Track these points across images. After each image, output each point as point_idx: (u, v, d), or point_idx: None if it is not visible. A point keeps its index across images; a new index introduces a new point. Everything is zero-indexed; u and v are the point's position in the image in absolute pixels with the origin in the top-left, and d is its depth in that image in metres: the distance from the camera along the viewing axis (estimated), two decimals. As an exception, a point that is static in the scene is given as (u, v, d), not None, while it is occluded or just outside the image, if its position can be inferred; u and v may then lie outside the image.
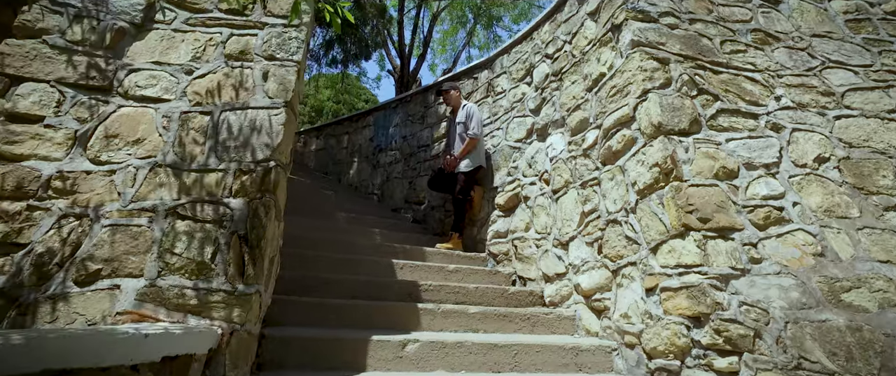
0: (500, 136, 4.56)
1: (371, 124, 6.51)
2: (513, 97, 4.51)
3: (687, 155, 2.52)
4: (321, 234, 3.93)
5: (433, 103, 5.64)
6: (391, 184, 5.88)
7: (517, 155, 4.26)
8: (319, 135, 7.30)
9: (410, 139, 5.81)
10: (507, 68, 4.70)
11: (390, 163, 6.00)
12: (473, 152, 4.51)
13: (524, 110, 4.30)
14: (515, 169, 4.23)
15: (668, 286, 2.31)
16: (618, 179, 2.92)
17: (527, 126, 4.21)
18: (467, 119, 4.54)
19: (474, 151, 4.51)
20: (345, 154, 6.77)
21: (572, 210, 3.38)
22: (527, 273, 3.80)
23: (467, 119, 4.54)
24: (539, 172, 3.90)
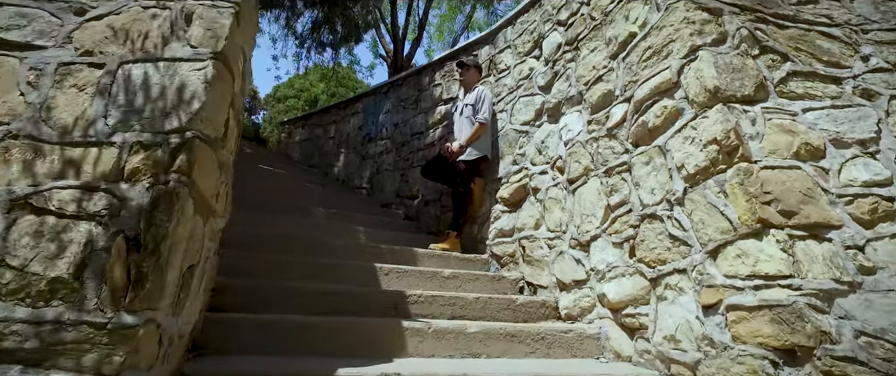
0: (504, 120, 3.94)
1: (360, 111, 5.90)
2: (518, 74, 3.90)
3: (754, 128, 1.91)
4: (296, 234, 3.32)
5: (428, 85, 5.02)
6: (381, 177, 5.27)
7: (524, 140, 3.65)
8: (305, 124, 6.68)
9: (402, 126, 5.20)
10: (511, 41, 4.08)
11: (380, 153, 5.39)
12: (484, 138, 3.90)
13: (532, 88, 3.69)
14: (522, 156, 3.62)
15: (738, 303, 1.70)
16: (656, 163, 2.30)
17: (535, 106, 3.60)
18: (478, 101, 3.93)
19: (484, 138, 3.91)
20: (331, 145, 6.16)
21: (594, 203, 2.77)
22: (537, 278, 3.19)
23: (478, 101, 3.93)
24: (551, 159, 3.29)
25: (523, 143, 3.65)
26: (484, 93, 3.97)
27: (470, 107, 3.98)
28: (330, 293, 2.47)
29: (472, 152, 3.83)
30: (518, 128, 3.75)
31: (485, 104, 3.90)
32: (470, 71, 4.13)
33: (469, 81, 4.12)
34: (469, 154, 3.83)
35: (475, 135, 3.84)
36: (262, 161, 4.94)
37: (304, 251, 3.03)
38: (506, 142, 3.84)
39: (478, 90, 4.00)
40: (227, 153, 1.85)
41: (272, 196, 3.98)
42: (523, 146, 3.65)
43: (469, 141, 3.83)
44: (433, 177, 4.10)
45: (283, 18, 6.85)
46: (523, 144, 3.65)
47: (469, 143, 3.83)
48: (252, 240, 2.97)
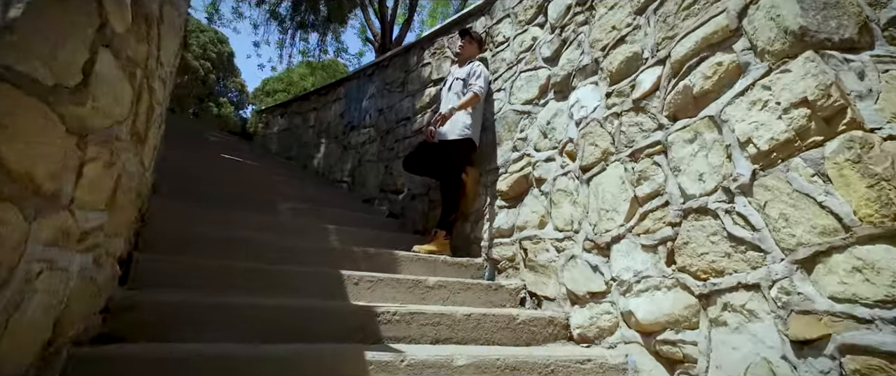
0: (502, 99, 3.36)
1: (341, 97, 5.31)
2: (519, 46, 3.32)
3: (863, 84, 1.33)
4: (251, 235, 2.73)
5: (416, 65, 4.43)
6: (363, 170, 4.68)
7: (526, 122, 3.07)
8: (284, 113, 6.09)
9: (387, 112, 4.61)
10: (510, 9, 3.50)
11: (363, 143, 4.80)
12: (473, 119, 3.32)
13: (535, 61, 3.11)
14: (523, 141, 3.04)
15: (867, 345, 1.12)
16: (706, 139, 1.73)
17: (539, 81, 3.02)
18: (470, 75, 3.36)
19: (473, 119, 3.33)
20: (311, 134, 5.56)
21: (616, 195, 2.19)
22: (542, 288, 2.61)
23: (470, 75, 3.36)
24: (559, 143, 2.71)
25: (525, 126, 3.07)
26: (479, 67, 3.40)
27: (461, 81, 3.40)
28: (276, 311, 1.89)
29: (464, 129, 3.25)
30: (519, 108, 3.17)
31: (480, 78, 3.33)
32: (471, 44, 3.56)
33: (465, 55, 3.55)
34: (461, 131, 3.25)
35: (467, 102, 3.24)
36: (230, 151, 4.35)
37: (256, 255, 2.44)
38: (504, 125, 3.26)
39: (472, 64, 3.42)
40: (96, 115, 1.26)
41: (233, 190, 3.39)
42: (525, 129, 3.07)
43: (460, 106, 3.21)
44: (417, 169, 3.52)
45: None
46: (525, 127, 3.07)
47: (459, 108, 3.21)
48: (192, 240, 2.37)
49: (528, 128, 3.04)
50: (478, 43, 3.58)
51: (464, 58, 3.54)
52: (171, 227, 2.42)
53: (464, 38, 3.56)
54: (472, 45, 3.55)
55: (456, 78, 3.47)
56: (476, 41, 3.57)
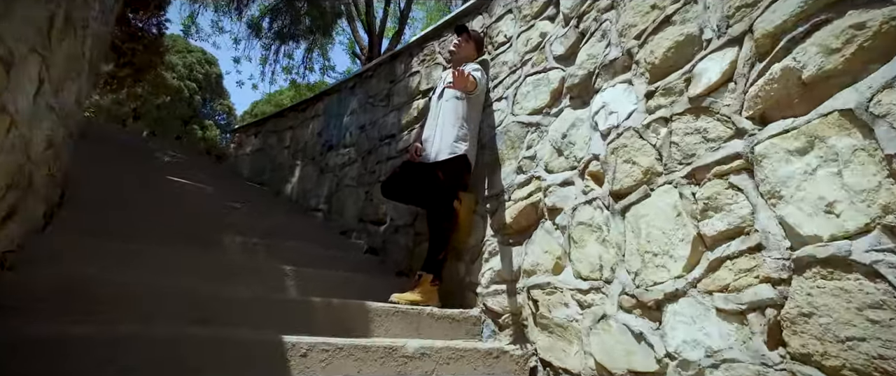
0: (504, 110, 2.74)
1: (320, 114, 4.70)
2: (523, 45, 2.72)
3: None
4: (168, 281, 2.04)
5: (403, 75, 3.84)
6: (341, 196, 4.03)
7: (534, 136, 2.44)
8: (259, 132, 5.46)
9: (370, 129, 3.99)
10: (513, 3, 2.91)
11: (342, 165, 4.16)
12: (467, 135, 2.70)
13: (545, 61, 2.51)
14: (531, 160, 2.40)
15: None
16: (837, 148, 1.09)
17: (550, 85, 2.41)
18: None
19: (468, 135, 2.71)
20: (286, 156, 4.93)
21: (669, 232, 1.54)
22: (560, 357, 1.93)
23: None
24: (579, 161, 2.08)
25: (533, 141, 2.44)
26: (476, 70, 2.79)
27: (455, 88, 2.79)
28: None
29: (455, 146, 2.62)
30: (524, 119, 2.54)
31: (476, 71, 2.73)
32: (468, 43, 2.96)
33: (461, 56, 2.94)
34: (450, 147, 2.61)
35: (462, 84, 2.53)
36: (185, 173, 3.70)
37: (161, 313, 1.75)
38: (506, 141, 2.63)
39: (468, 67, 2.81)
40: None
41: (167, 220, 2.71)
42: (533, 145, 2.43)
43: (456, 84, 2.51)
44: (399, 195, 2.87)
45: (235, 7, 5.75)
46: (533, 143, 2.44)
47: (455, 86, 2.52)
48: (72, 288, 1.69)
49: (537, 143, 2.41)
50: (476, 43, 2.99)
51: (458, 60, 2.94)
52: (49, 271, 1.74)
53: (460, 35, 2.97)
54: (469, 44, 2.95)
55: (449, 82, 2.86)
56: (473, 40, 2.97)
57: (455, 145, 2.62)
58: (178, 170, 3.75)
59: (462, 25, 3.00)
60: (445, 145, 2.64)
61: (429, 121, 2.89)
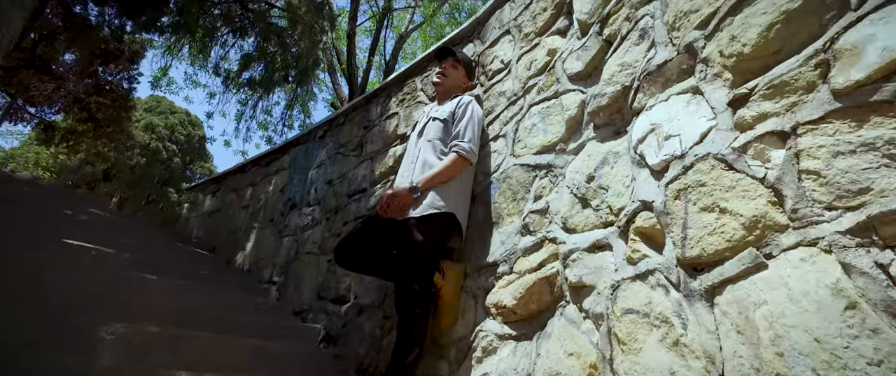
0: (501, 151, 2.08)
1: (286, 167, 4.02)
2: (526, 69, 2.11)
3: None
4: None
5: (379, 118, 3.21)
6: (299, 266, 3.24)
7: (544, 182, 1.76)
8: (217, 189, 4.75)
9: (338, 184, 3.29)
10: (511, 21, 2.34)
11: (304, 227, 3.42)
12: (455, 184, 2.01)
13: (556, 84, 1.88)
14: (541, 215, 1.70)
15: None
16: None
17: (566, 113, 1.77)
18: (457, 115, 2.13)
19: (456, 184, 2.03)
20: (244, 217, 4.19)
21: (828, 335, 0.78)
22: None
23: (457, 115, 2.13)
24: (618, 213, 1.38)
25: (543, 189, 1.75)
26: (470, 105, 2.15)
27: (439, 123, 2.14)
28: None
29: (435, 202, 1.91)
30: (530, 161, 1.87)
31: (469, 122, 2.07)
32: (457, 68, 2.36)
33: (448, 85, 2.32)
34: (429, 204, 1.91)
35: (446, 173, 1.95)
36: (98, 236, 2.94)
37: None
38: (506, 191, 1.93)
39: (461, 101, 2.18)
40: None
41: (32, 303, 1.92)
42: (543, 194, 1.74)
43: (432, 180, 1.93)
44: (358, 262, 2.11)
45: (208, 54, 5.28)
46: (543, 191, 1.75)
47: (431, 184, 1.93)
48: None
49: (550, 191, 1.72)
50: (466, 68, 2.38)
51: (446, 90, 2.31)
52: None
53: (445, 60, 2.37)
54: (457, 70, 2.34)
55: (432, 118, 2.20)
56: (462, 64, 2.37)
57: (439, 198, 1.92)
58: (91, 234, 2.98)
59: (446, 48, 2.40)
60: (426, 197, 1.93)
61: (404, 165, 2.21)
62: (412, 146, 2.25)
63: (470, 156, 1.99)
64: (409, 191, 1.93)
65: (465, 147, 1.99)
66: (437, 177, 1.95)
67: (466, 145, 1.99)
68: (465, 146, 1.99)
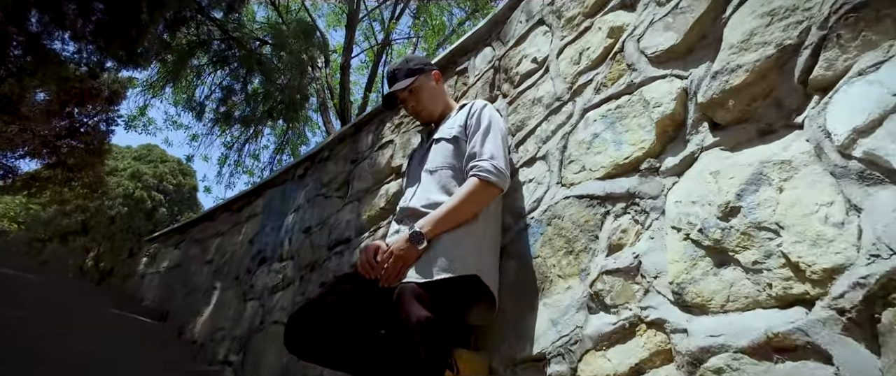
0: (542, 180, 1.40)
1: (259, 212, 3.34)
2: (574, 63, 1.47)
3: None
4: None
5: (371, 148, 2.56)
6: (262, 341, 2.48)
7: (623, 223, 1.07)
8: (181, 241, 4.03)
9: (317, 233, 2.60)
10: (546, 9, 1.73)
11: (273, 288, 2.68)
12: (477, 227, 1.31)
13: (629, 74, 1.24)
14: (623, 278, 0.99)
15: None
16: None
17: (654, 112, 1.11)
18: (472, 131, 1.44)
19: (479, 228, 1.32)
20: (206, 275, 3.45)
21: None
22: None
23: (472, 131, 1.44)
24: (822, 281, 0.64)
25: (624, 234, 1.06)
26: (485, 110, 1.48)
27: (445, 145, 1.46)
28: None
29: (449, 259, 1.21)
30: (594, 190, 1.19)
31: (489, 133, 1.40)
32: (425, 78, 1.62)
33: (429, 103, 1.61)
34: (441, 264, 1.20)
35: (466, 208, 1.27)
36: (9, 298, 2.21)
37: None
38: (553, 240, 1.24)
39: (471, 106, 1.51)
40: None
41: None
42: (624, 242, 1.05)
43: (443, 221, 1.24)
44: (318, 348, 1.36)
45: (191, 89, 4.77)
46: (624, 236, 1.06)
47: (442, 228, 1.23)
48: None
49: (639, 236, 1.02)
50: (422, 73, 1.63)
51: (430, 109, 1.62)
52: None
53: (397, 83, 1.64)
54: (426, 79, 1.62)
55: (436, 139, 1.52)
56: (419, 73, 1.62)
57: (454, 251, 1.22)
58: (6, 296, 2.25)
59: (396, 70, 1.68)
60: (435, 248, 1.23)
61: (400, 205, 1.52)
62: (410, 182, 1.56)
63: (499, 181, 1.30)
64: (410, 243, 1.23)
65: (489, 166, 1.30)
66: (450, 215, 1.26)
67: (490, 164, 1.31)
68: (487, 166, 1.30)
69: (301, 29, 4.08)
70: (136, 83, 5.81)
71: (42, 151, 5.93)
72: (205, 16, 4.09)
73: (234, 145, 5.87)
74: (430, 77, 1.64)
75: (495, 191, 1.30)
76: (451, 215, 1.26)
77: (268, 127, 5.76)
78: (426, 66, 1.66)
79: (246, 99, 4.50)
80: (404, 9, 6.61)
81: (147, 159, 11.03)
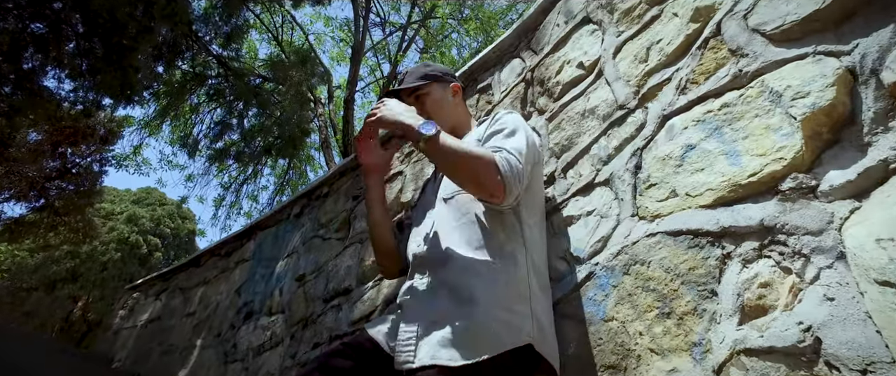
0: (606, 213, 1.03)
1: (248, 257, 2.95)
2: (640, 61, 1.16)
3: None
4: None
5: (374, 183, 2.20)
6: (242, 414, 2.04)
7: (758, 272, 0.68)
8: (164, 289, 3.61)
9: (312, 282, 2.21)
10: (593, 4, 1.41)
11: (260, 347, 2.27)
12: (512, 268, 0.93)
13: (737, 61, 0.90)
14: (771, 359, 0.59)
15: None
16: None
17: (796, 109, 0.75)
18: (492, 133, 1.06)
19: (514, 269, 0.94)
20: (187, 330, 3.03)
21: None
22: None
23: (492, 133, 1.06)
24: None
25: (765, 290, 0.69)
26: (509, 116, 1.12)
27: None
28: None
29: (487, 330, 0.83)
30: (699, 226, 0.82)
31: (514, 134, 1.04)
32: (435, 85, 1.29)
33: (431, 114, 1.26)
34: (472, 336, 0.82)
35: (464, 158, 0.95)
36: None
37: None
38: (636, 295, 0.87)
39: (493, 116, 1.16)
40: None
41: None
42: (765, 302, 0.67)
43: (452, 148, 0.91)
44: None
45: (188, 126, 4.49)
46: (765, 294, 0.68)
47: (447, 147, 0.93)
48: None
49: (794, 297, 0.65)
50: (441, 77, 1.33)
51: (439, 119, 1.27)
52: None
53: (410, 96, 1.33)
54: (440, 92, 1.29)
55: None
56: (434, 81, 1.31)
57: (499, 312, 0.85)
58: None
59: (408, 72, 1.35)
60: (467, 315, 0.86)
61: (411, 244, 1.15)
62: (422, 214, 1.19)
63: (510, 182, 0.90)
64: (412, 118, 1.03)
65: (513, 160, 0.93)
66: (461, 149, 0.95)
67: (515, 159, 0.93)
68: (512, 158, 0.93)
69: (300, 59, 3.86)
70: (133, 121, 5.61)
71: (29, 194, 5.63)
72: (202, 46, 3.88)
73: (232, 185, 5.57)
74: (447, 88, 1.31)
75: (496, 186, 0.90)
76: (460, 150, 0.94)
77: (267, 166, 5.50)
78: (445, 75, 1.34)
79: (242, 134, 4.23)
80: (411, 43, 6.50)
81: (145, 202, 10.72)
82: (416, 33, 6.45)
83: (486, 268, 0.93)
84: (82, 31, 4.76)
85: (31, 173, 5.60)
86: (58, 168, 5.89)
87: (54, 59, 5.13)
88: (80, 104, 5.46)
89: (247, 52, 4.58)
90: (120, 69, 3.87)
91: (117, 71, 3.89)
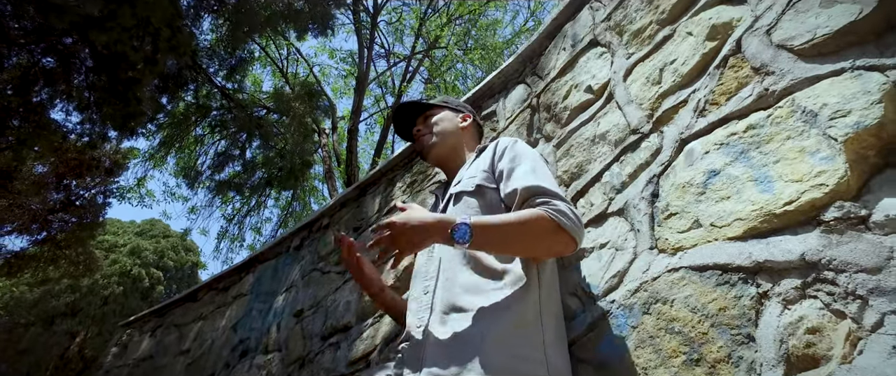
0: (622, 245, 0.93)
1: (246, 292, 2.85)
2: (653, 83, 1.10)
3: None
4: None
5: (377, 214, 2.13)
6: (231, 463, 1.90)
7: (804, 314, 0.58)
8: (159, 325, 3.49)
9: (310, 318, 2.10)
10: (601, 26, 1.37)
11: (254, 388, 2.14)
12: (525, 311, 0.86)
13: (762, 79, 0.84)
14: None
15: None
16: None
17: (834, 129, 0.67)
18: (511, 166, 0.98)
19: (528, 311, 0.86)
20: (179, 370, 2.89)
21: None
22: None
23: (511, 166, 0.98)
24: None
25: (816, 337, 0.57)
26: (514, 145, 1.05)
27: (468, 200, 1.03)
28: None
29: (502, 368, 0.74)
30: (728, 260, 0.73)
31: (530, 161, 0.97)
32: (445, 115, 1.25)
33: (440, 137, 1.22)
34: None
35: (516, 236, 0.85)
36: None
37: None
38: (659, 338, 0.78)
39: (495, 145, 1.09)
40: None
41: None
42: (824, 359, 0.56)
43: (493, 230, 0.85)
44: None
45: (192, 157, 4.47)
46: (815, 342, 0.57)
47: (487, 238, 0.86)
48: None
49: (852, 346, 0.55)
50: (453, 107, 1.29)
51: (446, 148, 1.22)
52: None
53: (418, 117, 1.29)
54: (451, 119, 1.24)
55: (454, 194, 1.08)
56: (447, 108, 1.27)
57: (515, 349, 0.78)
58: None
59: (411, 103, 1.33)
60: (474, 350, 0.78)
61: (415, 288, 1.08)
62: (426, 255, 1.11)
63: (574, 230, 0.82)
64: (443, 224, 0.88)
65: (564, 208, 0.84)
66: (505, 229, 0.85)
67: (565, 206, 0.85)
68: (562, 206, 0.84)
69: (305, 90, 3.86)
70: (138, 153, 5.62)
71: (31, 227, 5.59)
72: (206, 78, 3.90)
73: (235, 218, 5.51)
74: (458, 115, 1.26)
75: (566, 243, 0.83)
76: (506, 229, 0.84)
77: (271, 198, 5.47)
78: (459, 106, 1.30)
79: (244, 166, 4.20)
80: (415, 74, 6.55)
81: (149, 234, 10.67)
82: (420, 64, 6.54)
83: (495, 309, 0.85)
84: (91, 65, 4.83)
85: (35, 206, 5.57)
86: (61, 200, 5.87)
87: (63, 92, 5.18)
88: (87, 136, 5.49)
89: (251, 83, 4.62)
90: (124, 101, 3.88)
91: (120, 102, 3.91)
